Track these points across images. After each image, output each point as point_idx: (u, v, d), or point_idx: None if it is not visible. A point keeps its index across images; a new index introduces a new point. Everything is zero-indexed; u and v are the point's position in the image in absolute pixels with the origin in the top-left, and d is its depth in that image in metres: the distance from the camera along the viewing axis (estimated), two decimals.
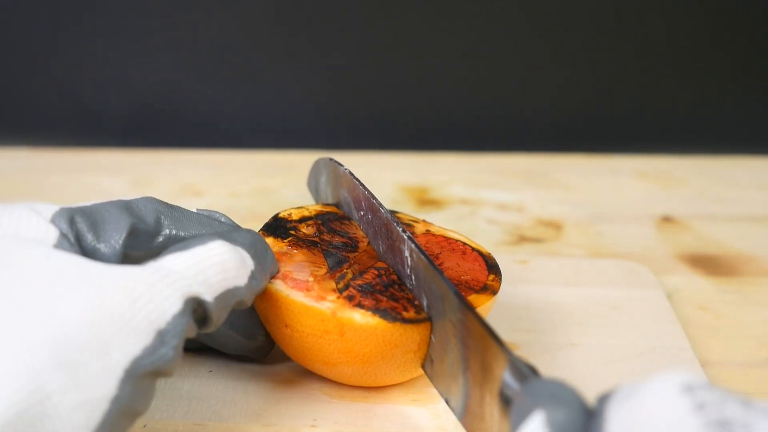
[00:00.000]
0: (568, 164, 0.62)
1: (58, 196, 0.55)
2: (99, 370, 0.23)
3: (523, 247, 0.49)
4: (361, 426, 0.31)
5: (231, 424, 0.31)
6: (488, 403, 0.26)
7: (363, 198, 0.35)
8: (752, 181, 0.59)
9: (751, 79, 0.63)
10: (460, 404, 0.28)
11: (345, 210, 0.37)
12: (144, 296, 0.25)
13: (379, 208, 0.33)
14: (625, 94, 0.64)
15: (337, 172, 0.37)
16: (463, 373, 0.27)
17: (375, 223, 0.34)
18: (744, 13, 0.61)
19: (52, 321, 0.23)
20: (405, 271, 0.31)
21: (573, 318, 0.39)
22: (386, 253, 0.33)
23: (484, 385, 0.26)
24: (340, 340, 0.30)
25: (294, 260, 0.32)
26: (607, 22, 0.61)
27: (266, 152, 0.63)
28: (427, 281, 0.30)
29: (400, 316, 0.29)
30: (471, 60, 0.62)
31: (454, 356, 0.28)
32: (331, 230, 0.35)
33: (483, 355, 0.26)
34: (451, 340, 0.28)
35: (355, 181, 0.35)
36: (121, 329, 0.24)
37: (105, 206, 0.29)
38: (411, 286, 0.31)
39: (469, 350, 0.27)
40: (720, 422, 0.18)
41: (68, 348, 0.23)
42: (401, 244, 0.31)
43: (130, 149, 0.63)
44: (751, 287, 0.44)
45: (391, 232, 0.32)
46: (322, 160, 0.39)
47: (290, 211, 0.36)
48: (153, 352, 0.24)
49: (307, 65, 0.62)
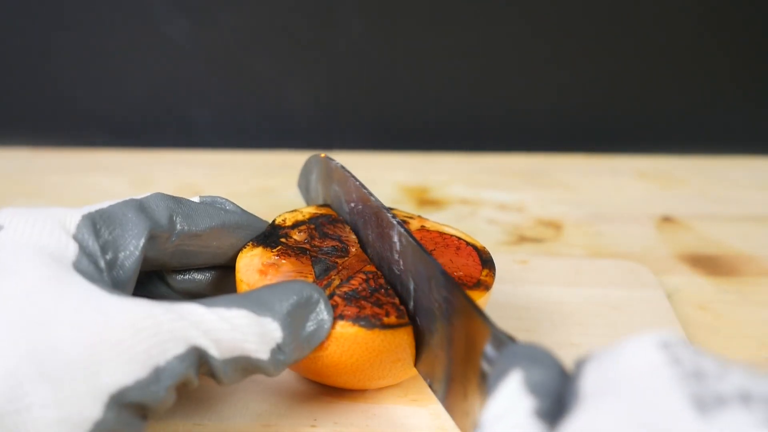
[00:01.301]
0: (568, 164, 0.62)
1: (58, 196, 0.55)
2: (84, 390, 0.23)
3: (523, 247, 0.49)
4: (361, 426, 0.31)
5: (231, 424, 0.31)
6: (470, 379, 0.26)
7: (354, 189, 0.34)
8: (752, 181, 0.59)
9: (750, 80, 0.63)
10: (443, 386, 0.28)
11: (335, 207, 0.37)
12: (149, 330, 0.25)
13: (369, 197, 0.33)
14: (625, 94, 0.64)
15: (329, 166, 0.37)
16: (447, 352, 0.27)
17: (365, 212, 0.34)
18: (744, 13, 0.61)
19: (40, 334, 0.23)
20: (393, 256, 0.31)
21: (573, 318, 0.39)
22: (375, 242, 0.33)
23: (467, 361, 0.26)
24: (326, 355, 0.30)
25: (280, 271, 0.32)
26: (607, 22, 0.61)
27: (266, 152, 0.63)
28: (414, 263, 0.29)
29: (380, 323, 0.29)
30: (471, 60, 0.62)
31: (439, 336, 0.28)
32: (323, 234, 0.35)
33: (467, 329, 0.26)
34: (436, 322, 0.28)
35: (347, 173, 0.35)
36: (117, 356, 0.24)
37: (122, 209, 0.29)
38: (399, 271, 0.31)
39: (453, 328, 0.27)
40: (695, 374, 0.18)
41: (55, 362, 0.23)
42: (390, 230, 0.31)
43: (130, 149, 0.63)
44: (751, 287, 0.44)
45: (381, 219, 0.32)
46: (313, 157, 0.39)
47: (285, 217, 0.36)
48: (145, 386, 0.24)
49: (307, 65, 0.62)
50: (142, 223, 0.29)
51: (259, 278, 0.31)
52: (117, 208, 0.29)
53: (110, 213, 0.29)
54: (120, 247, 0.28)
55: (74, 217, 0.28)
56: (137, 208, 0.29)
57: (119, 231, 0.28)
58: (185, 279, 0.33)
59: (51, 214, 0.28)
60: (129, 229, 0.28)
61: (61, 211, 0.28)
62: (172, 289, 0.33)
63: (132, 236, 0.28)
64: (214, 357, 0.26)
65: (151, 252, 0.30)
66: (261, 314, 0.27)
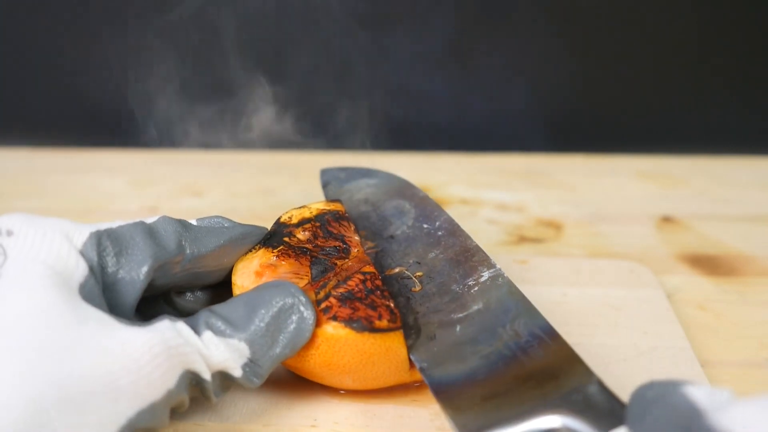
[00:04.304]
0: (568, 164, 0.62)
1: (58, 196, 0.55)
2: (105, 415, 0.23)
3: (523, 247, 0.49)
4: (361, 426, 0.31)
5: (231, 424, 0.31)
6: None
7: (445, 220, 0.35)
8: (752, 181, 0.59)
9: (751, 79, 0.63)
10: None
11: (386, 212, 0.37)
12: (163, 354, 0.25)
13: (469, 237, 0.34)
14: (625, 94, 0.64)
15: (410, 189, 0.38)
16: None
17: (444, 239, 0.34)
18: (744, 13, 0.61)
19: (62, 360, 0.23)
20: (465, 281, 0.32)
21: (573, 318, 0.39)
22: (444, 262, 0.33)
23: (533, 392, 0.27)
24: (317, 354, 0.30)
25: (277, 272, 0.32)
26: (607, 22, 0.61)
27: (266, 152, 0.63)
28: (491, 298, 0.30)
29: (371, 326, 0.29)
30: (471, 60, 0.62)
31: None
32: (327, 233, 0.35)
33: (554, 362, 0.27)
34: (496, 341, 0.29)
35: (439, 206, 0.36)
36: (138, 380, 0.24)
37: (130, 232, 0.29)
38: (463, 291, 0.31)
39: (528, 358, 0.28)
40: None
41: (78, 389, 0.23)
42: (484, 267, 0.32)
43: (130, 149, 0.63)
44: (751, 287, 0.44)
45: (476, 255, 0.33)
46: (388, 173, 0.40)
47: (291, 213, 0.36)
48: (157, 410, 0.25)
49: (307, 65, 0.62)
50: (149, 249, 0.29)
51: (254, 280, 0.32)
52: (126, 230, 0.29)
53: (118, 234, 0.29)
54: (125, 272, 0.28)
55: (82, 233, 0.28)
56: (146, 233, 0.29)
57: (125, 256, 0.28)
58: (191, 298, 0.34)
59: (60, 228, 0.28)
60: (135, 254, 0.29)
61: (70, 225, 0.28)
62: (173, 306, 0.33)
63: (137, 262, 0.29)
64: (204, 378, 0.27)
65: (161, 279, 0.30)
66: (227, 336, 0.28)
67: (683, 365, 0.35)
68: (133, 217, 0.31)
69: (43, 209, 0.52)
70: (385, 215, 0.37)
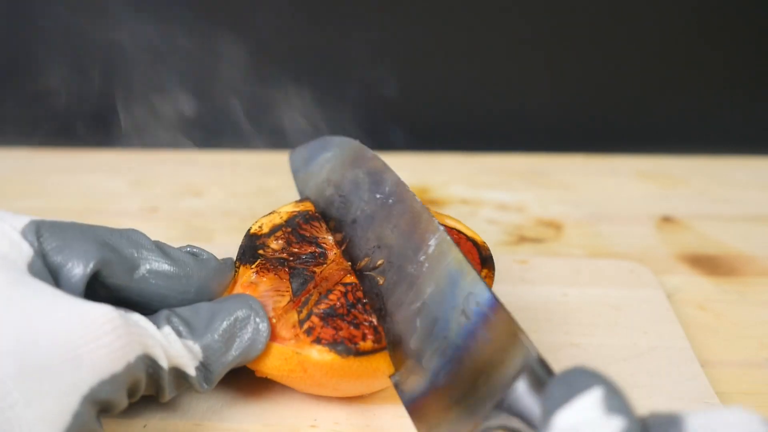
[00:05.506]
0: (568, 164, 0.62)
1: (58, 196, 0.55)
2: (66, 385, 0.24)
3: (523, 247, 0.49)
4: (361, 426, 0.31)
5: (231, 424, 0.31)
6: (478, 394, 0.27)
7: (392, 182, 0.34)
8: (752, 181, 0.59)
9: (750, 79, 0.63)
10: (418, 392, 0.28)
11: (345, 189, 0.36)
12: (122, 328, 0.25)
13: (414, 198, 0.33)
14: (625, 94, 0.64)
15: (361, 153, 0.37)
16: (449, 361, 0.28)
17: (395, 208, 0.33)
18: (743, 13, 0.61)
19: (18, 331, 0.23)
20: (417, 257, 0.31)
21: (573, 318, 0.39)
22: (398, 238, 0.32)
23: (485, 376, 0.26)
24: (306, 376, 0.30)
25: (259, 291, 0.32)
26: (607, 22, 0.61)
27: (266, 152, 0.63)
28: (444, 270, 0.29)
29: (356, 349, 0.29)
30: (471, 60, 0.62)
31: (441, 346, 0.28)
32: (300, 237, 0.35)
33: (499, 345, 0.26)
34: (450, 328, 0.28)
35: (386, 165, 0.35)
36: (98, 349, 0.24)
37: (78, 231, 0.29)
38: (417, 272, 0.30)
39: (477, 340, 0.27)
40: None
41: (36, 359, 0.23)
42: (430, 234, 0.31)
43: (130, 149, 0.63)
44: (751, 287, 0.44)
45: (421, 220, 0.32)
46: (340, 139, 0.39)
47: (261, 222, 0.35)
48: (117, 382, 0.25)
49: (307, 65, 0.62)
50: (94, 250, 0.28)
51: None
52: (73, 228, 0.29)
53: (63, 229, 0.29)
54: (64, 259, 0.28)
55: (21, 220, 0.28)
56: (96, 235, 0.29)
57: (67, 250, 0.28)
58: None
59: (0, 215, 0.28)
60: (76, 252, 0.28)
61: (9, 214, 0.28)
62: None
63: (79, 259, 0.28)
64: (162, 366, 0.27)
65: (114, 281, 0.29)
66: (184, 338, 0.28)
67: (683, 365, 0.35)
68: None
69: (43, 209, 0.52)
70: (345, 195, 0.36)
